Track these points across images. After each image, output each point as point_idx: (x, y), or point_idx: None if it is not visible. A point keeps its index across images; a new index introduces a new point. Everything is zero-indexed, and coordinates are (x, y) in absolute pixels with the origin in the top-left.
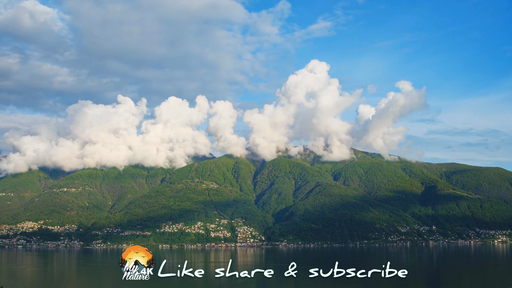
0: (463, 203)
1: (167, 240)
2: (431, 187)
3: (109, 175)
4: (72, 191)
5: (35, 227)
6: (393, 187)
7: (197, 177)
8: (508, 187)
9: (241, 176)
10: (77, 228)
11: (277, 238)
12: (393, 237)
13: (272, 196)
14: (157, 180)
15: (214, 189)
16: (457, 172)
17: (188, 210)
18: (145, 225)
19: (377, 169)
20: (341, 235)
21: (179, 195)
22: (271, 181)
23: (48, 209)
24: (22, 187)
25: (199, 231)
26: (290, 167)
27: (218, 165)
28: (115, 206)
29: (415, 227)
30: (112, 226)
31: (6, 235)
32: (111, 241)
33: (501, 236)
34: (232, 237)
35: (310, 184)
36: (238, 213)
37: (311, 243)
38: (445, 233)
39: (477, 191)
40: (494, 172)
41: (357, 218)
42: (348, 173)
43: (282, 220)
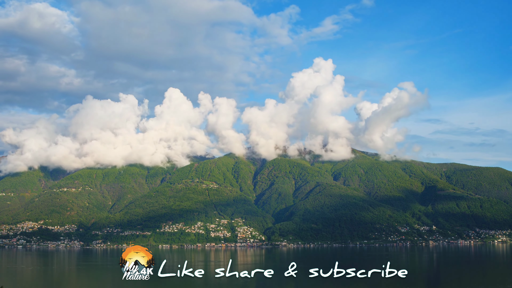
0: (463, 203)
1: (167, 240)
2: (431, 187)
3: (109, 175)
4: (72, 191)
5: (35, 227)
6: (393, 187)
7: (197, 177)
8: (508, 187)
9: (241, 176)
10: (77, 228)
11: (277, 238)
12: (393, 237)
13: (272, 196)
14: (157, 180)
15: (214, 189)
16: (457, 172)
17: (188, 210)
18: (145, 225)
19: (377, 169)
20: (341, 235)
21: (179, 195)
22: (271, 181)
23: (48, 209)
24: (22, 187)
25: (199, 231)
26: (290, 167)
27: (218, 165)
28: (115, 206)
29: (415, 227)
30: (112, 226)
31: (6, 235)
32: (111, 241)
33: (501, 236)
34: (232, 237)
35: (310, 184)
36: (238, 213)
37: (311, 243)
38: (445, 233)
39: (477, 191)
40: (494, 172)
41: (357, 218)
42: (348, 173)
43: (282, 220)
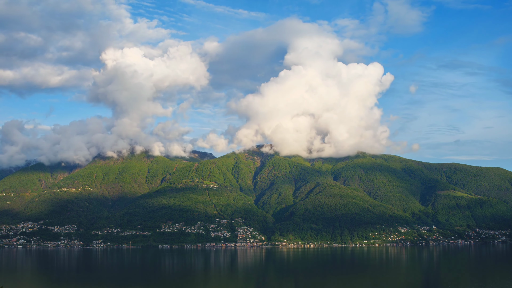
0: (463, 203)
1: (167, 240)
2: (431, 187)
3: (109, 175)
4: (72, 191)
5: (35, 227)
6: (393, 187)
7: (197, 177)
8: (508, 187)
9: (241, 176)
10: (77, 228)
11: (277, 238)
12: (393, 237)
13: (272, 196)
14: (157, 180)
15: (214, 189)
16: (457, 172)
17: (188, 210)
18: (145, 225)
19: (377, 169)
20: (341, 235)
21: (179, 195)
22: (271, 181)
23: (48, 209)
24: (22, 187)
25: (199, 231)
26: (290, 167)
27: (218, 165)
28: (115, 206)
29: (415, 227)
30: (112, 226)
31: (6, 235)
32: (111, 241)
33: (501, 236)
34: (232, 237)
35: (310, 184)
36: (238, 213)
37: (311, 243)
38: (445, 233)
39: (477, 191)
40: (494, 172)
41: (357, 218)
42: (348, 173)
43: (282, 220)
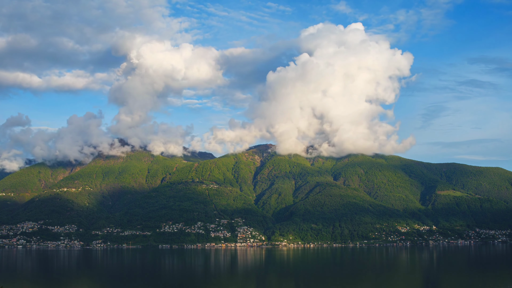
0: (463, 203)
1: (167, 240)
2: (431, 187)
3: (109, 175)
4: (72, 191)
5: (35, 227)
6: (393, 187)
7: (197, 177)
8: (508, 187)
9: (241, 176)
10: (77, 228)
11: (277, 238)
12: (393, 237)
13: (272, 196)
14: (157, 180)
15: (214, 189)
16: (457, 172)
17: (188, 210)
18: (145, 225)
19: (377, 169)
20: (341, 235)
21: (179, 195)
22: (271, 181)
23: (48, 209)
24: (22, 187)
25: (199, 231)
26: (290, 167)
27: (218, 165)
28: (115, 206)
29: (415, 227)
30: (112, 226)
31: (6, 235)
32: (111, 241)
33: (501, 236)
34: (232, 237)
35: (310, 184)
36: (238, 213)
37: (311, 243)
38: (445, 233)
39: (477, 191)
40: (494, 172)
41: (357, 218)
42: (348, 173)
43: (282, 220)
